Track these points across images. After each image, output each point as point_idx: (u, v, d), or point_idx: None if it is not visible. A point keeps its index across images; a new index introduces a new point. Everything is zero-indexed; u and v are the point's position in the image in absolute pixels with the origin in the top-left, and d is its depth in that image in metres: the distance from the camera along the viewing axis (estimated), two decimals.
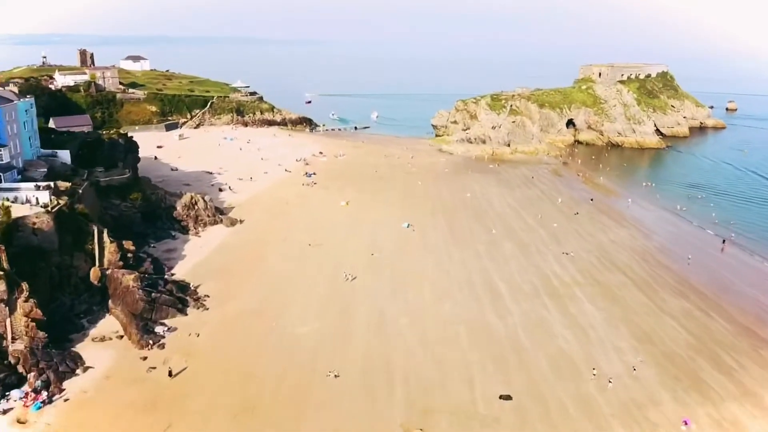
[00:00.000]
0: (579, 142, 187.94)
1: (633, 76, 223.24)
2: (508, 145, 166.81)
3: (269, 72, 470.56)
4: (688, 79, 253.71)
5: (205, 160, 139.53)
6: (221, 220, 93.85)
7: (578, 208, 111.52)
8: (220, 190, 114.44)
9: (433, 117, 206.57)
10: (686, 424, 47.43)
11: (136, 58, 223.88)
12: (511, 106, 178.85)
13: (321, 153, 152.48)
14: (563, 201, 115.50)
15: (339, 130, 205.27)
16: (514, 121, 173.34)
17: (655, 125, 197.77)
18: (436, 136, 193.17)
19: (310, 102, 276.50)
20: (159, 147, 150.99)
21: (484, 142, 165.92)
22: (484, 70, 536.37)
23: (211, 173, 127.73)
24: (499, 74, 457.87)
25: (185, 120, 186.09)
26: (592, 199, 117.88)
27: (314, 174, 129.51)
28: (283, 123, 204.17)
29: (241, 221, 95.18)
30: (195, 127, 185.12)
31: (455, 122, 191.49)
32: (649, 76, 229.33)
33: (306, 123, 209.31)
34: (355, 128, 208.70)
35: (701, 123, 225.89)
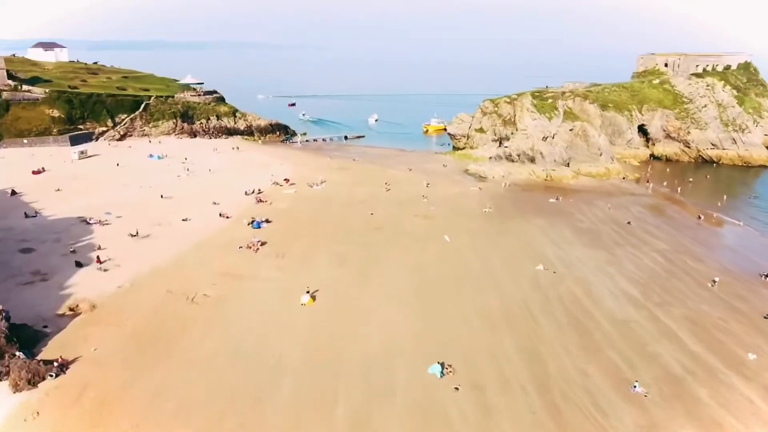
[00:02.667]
0: (655, 157, 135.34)
1: (710, 68, 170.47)
2: (568, 165, 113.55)
3: (255, 73, 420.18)
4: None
5: (97, 194, 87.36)
6: (8, 372, 40.43)
7: (756, 298, 58.22)
8: (78, 264, 60.57)
9: (450, 123, 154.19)
10: None
11: (48, 46, 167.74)
12: (564, 107, 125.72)
13: (287, 180, 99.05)
14: (722, 281, 62.00)
15: (324, 140, 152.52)
16: (572, 129, 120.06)
17: None
18: (454, 148, 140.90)
19: (293, 104, 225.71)
20: (35, 172, 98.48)
21: (532, 160, 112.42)
22: (493, 73, 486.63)
23: (88, 223, 74.47)
24: (506, 77, 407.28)
25: (105, 129, 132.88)
26: (765, 276, 64.39)
27: (266, 222, 76.10)
28: (249, 131, 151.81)
29: (62, 369, 41.18)
30: (119, 139, 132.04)
31: (481, 130, 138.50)
32: (728, 67, 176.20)
33: (281, 131, 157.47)
34: (345, 138, 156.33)
35: None
